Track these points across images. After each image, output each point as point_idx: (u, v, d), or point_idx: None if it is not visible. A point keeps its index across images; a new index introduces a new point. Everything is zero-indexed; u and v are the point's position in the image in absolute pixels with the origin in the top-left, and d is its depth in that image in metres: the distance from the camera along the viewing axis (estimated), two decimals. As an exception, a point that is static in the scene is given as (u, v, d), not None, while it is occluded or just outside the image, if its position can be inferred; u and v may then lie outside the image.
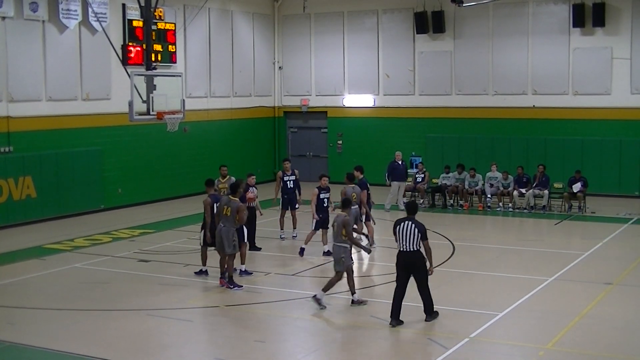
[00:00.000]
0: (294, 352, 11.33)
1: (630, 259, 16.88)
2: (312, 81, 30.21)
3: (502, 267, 16.48)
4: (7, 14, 20.62)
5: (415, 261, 12.21)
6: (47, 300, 14.00)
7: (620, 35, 25.02)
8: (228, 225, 14.56)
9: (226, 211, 14.55)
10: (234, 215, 14.50)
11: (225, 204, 14.66)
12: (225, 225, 14.58)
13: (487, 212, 23.35)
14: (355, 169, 18.21)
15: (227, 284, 14.68)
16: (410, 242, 12.12)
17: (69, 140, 22.55)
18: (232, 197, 14.71)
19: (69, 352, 11.22)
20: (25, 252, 18.20)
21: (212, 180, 16.19)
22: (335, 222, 13.43)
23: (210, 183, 15.97)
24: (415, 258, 12.20)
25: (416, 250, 12.15)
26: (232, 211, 14.50)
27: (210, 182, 16.01)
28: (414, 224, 12.16)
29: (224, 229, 14.59)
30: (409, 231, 12.11)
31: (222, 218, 14.63)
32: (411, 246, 12.13)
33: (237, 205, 14.55)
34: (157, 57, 23.41)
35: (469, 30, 27.17)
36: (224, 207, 14.62)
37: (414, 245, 12.13)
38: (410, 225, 12.14)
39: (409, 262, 12.21)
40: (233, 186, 15.07)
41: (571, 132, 25.86)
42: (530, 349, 11.22)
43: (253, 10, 29.41)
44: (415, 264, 12.22)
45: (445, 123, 27.76)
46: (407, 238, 12.11)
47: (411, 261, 12.20)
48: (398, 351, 11.27)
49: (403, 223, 12.24)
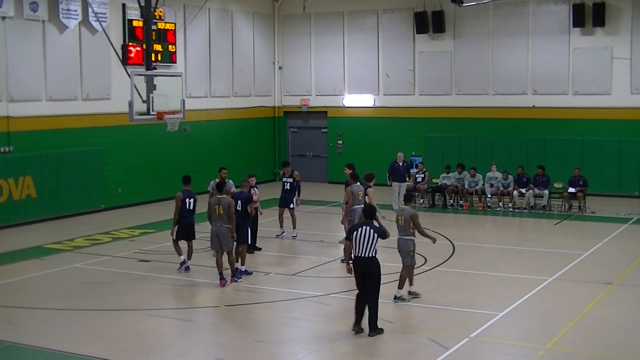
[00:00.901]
0: (294, 352, 11.33)
1: (630, 259, 16.87)
2: (312, 81, 30.21)
3: (502, 267, 16.48)
4: (7, 14, 20.63)
5: (371, 268, 11.79)
6: (47, 300, 13.99)
7: (620, 35, 25.02)
8: (222, 223, 14.67)
9: (218, 210, 14.67)
10: (226, 212, 14.64)
11: (215, 203, 14.76)
12: (220, 224, 14.69)
13: (487, 212, 23.35)
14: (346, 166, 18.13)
15: (232, 278, 14.90)
16: (366, 248, 11.70)
17: (69, 140, 22.56)
18: (220, 196, 14.89)
19: (69, 352, 11.22)
20: (25, 252, 18.20)
21: (188, 177, 16.29)
22: (402, 215, 13.62)
23: (187, 180, 16.09)
24: (371, 265, 11.79)
25: (372, 257, 11.76)
26: (224, 209, 14.64)
27: (187, 179, 16.15)
28: (372, 229, 11.78)
29: (221, 228, 14.70)
30: (366, 237, 11.69)
31: (216, 218, 14.72)
32: (367, 252, 11.72)
33: (227, 202, 14.75)
34: (157, 57, 23.41)
35: (469, 30, 27.17)
36: (215, 207, 14.72)
37: (370, 252, 11.72)
38: (368, 231, 11.73)
39: (365, 268, 11.81)
40: (219, 185, 15.38)
41: (571, 132, 25.86)
42: (530, 349, 11.22)
43: (253, 10, 29.42)
44: (370, 271, 11.80)
45: (445, 123, 27.75)
46: (364, 244, 11.69)
47: (366, 268, 11.79)
48: (398, 351, 11.26)
49: (360, 228, 11.80)
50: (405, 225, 13.52)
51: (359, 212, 16.44)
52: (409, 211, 13.59)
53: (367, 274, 11.82)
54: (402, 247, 13.65)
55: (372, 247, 11.76)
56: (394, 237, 13.43)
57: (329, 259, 17.03)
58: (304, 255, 17.65)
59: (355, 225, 12.10)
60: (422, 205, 24.30)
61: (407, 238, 13.58)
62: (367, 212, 12.31)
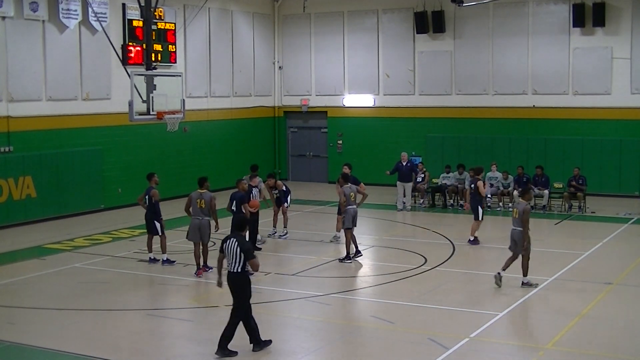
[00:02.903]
0: (294, 352, 11.33)
1: (630, 259, 16.88)
2: (312, 81, 30.21)
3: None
4: (7, 13, 20.63)
5: (235, 284, 10.96)
6: (47, 300, 14.00)
7: (620, 35, 25.01)
8: (204, 216, 15.41)
9: (200, 204, 15.40)
10: (208, 206, 15.36)
11: (197, 197, 15.47)
12: (202, 217, 15.42)
13: (487, 212, 23.30)
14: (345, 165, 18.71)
15: (203, 267, 15.62)
16: (233, 263, 10.92)
17: (69, 140, 22.56)
18: (201, 190, 15.52)
19: (69, 352, 11.22)
20: (25, 252, 18.21)
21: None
22: (516, 208, 14.45)
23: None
24: (236, 280, 10.95)
25: (237, 272, 10.91)
26: (206, 203, 15.36)
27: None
28: (237, 242, 10.94)
29: (203, 221, 15.46)
30: (232, 250, 10.93)
31: (196, 211, 15.45)
32: (234, 267, 10.93)
33: (209, 196, 15.45)
34: (157, 57, 23.42)
35: (469, 30, 27.16)
36: (197, 200, 15.46)
37: (235, 267, 10.91)
38: (234, 244, 10.93)
39: (230, 283, 11.02)
40: (200, 180, 15.81)
41: (571, 132, 25.86)
42: (530, 349, 11.23)
43: (253, 10, 29.41)
44: (235, 287, 10.98)
45: (445, 123, 27.75)
46: (231, 257, 10.93)
47: (231, 283, 11.00)
48: (398, 351, 11.26)
49: (228, 241, 11.03)
50: (519, 217, 14.28)
51: (352, 212, 16.58)
52: (523, 206, 14.37)
53: (232, 289, 11.02)
54: (515, 238, 14.47)
55: (238, 263, 10.88)
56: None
57: (329, 259, 17.04)
58: (304, 255, 17.65)
59: (226, 237, 11.19)
60: (422, 205, 24.31)
61: (519, 230, 14.36)
62: (236, 223, 11.46)
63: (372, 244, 18.55)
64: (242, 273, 10.95)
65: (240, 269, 10.92)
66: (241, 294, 10.99)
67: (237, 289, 10.99)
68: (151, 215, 16.51)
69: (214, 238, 18.00)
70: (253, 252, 11.11)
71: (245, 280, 11.01)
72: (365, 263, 16.80)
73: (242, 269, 10.93)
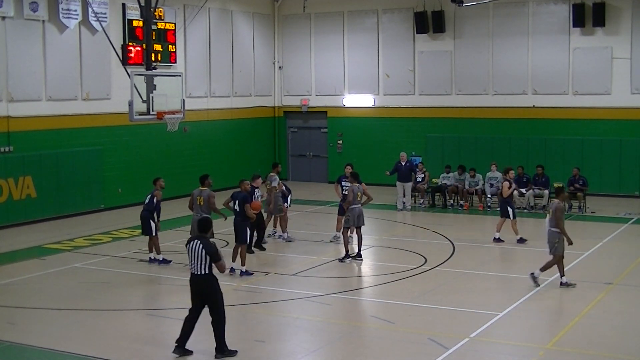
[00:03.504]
0: (294, 352, 11.33)
1: (630, 259, 16.88)
2: (312, 81, 30.21)
3: (502, 267, 16.49)
4: (7, 14, 20.63)
5: (205, 287, 10.80)
6: (47, 300, 14.00)
7: (620, 35, 25.01)
8: (202, 214, 15.51)
9: (199, 201, 15.78)
10: (207, 204, 15.70)
11: (197, 195, 15.86)
12: (200, 214, 15.53)
13: (487, 212, 23.35)
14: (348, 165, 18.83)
15: None
16: (199, 265, 10.75)
17: (69, 140, 22.56)
18: (202, 188, 15.90)
19: (69, 352, 11.22)
20: (25, 252, 18.21)
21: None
22: (551, 208, 14.43)
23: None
24: (205, 283, 10.78)
25: (205, 274, 10.75)
26: (204, 200, 15.73)
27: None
28: (202, 244, 10.80)
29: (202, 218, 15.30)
30: (197, 252, 10.77)
31: (196, 208, 15.85)
32: (200, 269, 10.75)
33: (207, 194, 15.77)
34: (157, 57, 23.42)
35: (469, 30, 27.16)
36: (197, 198, 15.86)
37: (203, 269, 10.74)
38: (198, 246, 10.78)
39: (198, 287, 10.86)
40: (202, 178, 16.14)
41: (571, 132, 25.86)
42: (530, 349, 11.22)
43: (253, 10, 29.42)
44: (205, 290, 10.82)
45: (445, 123, 27.75)
46: (195, 260, 10.78)
47: (200, 286, 10.83)
48: (398, 351, 11.26)
49: (192, 242, 10.91)
50: (553, 217, 14.24)
51: (357, 211, 16.62)
52: (556, 204, 14.34)
53: (202, 293, 10.85)
54: (549, 237, 14.36)
55: (204, 264, 10.73)
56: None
57: (329, 259, 17.04)
58: (304, 255, 17.65)
59: (190, 239, 11.11)
60: (422, 205, 24.31)
61: (553, 230, 14.27)
62: (200, 224, 11.26)
63: (372, 244, 18.55)
64: (210, 274, 10.79)
65: (207, 271, 10.77)
66: (213, 296, 10.83)
67: (209, 291, 10.82)
68: (147, 214, 16.48)
69: (220, 238, 18.01)
70: (219, 253, 10.91)
71: (215, 281, 10.85)
72: (365, 263, 16.81)
73: (209, 270, 10.78)
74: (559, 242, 14.27)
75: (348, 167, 18.53)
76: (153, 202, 16.56)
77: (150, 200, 16.60)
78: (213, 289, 10.82)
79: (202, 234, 11.05)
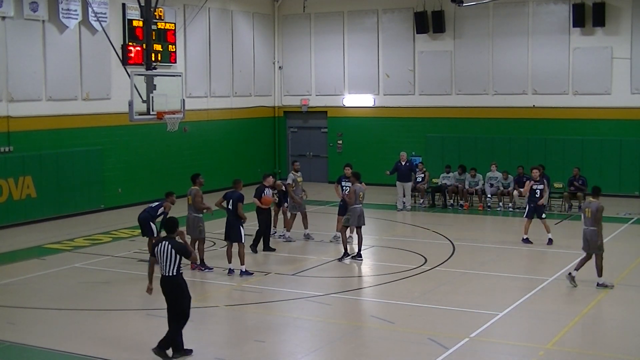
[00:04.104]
0: (294, 352, 11.33)
1: (630, 259, 16.88)
2: (312, 81, 30.21)
3: (502, 267, 16.48)
4: (7, 14, 20.62)
5: (173, 286, 10.77)
6: (47, 300, 14.00)
7: (620, 35, 25.01)
8: (192, 212, 16.09)
9: (189, 200, 16.18)
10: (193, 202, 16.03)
11: (188, 194, 16.23)
12: (189, 213, 16.12)
13: (487, 212, 23.35)
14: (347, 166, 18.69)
15: (199, 267, 15.93)
16: (168, 266, 10.71)
17: (69, 140, 22.55)
18: (192, 187, 16.22)
19: (69, 352, 11.22)
20: (25, 252, 18.20)
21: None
22: (589, 208, 14.36)
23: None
24: (173, 283, 10.76)
25: (173, 275, 10.72)
26: (192, 199, 16.07)
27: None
28: (170, 244, 10.73)
29: (190, 217, 16.13)
30: (165, 254, 10.70)
31: (188, 207, 16.20)
32: (169, 270, 10.73)
33: (194, 192, 16.11)
34: (157, 57, 23.42)
35: (469, 30, 27.16)
36: (188, 197, 16.23)
37: (170, 270, 10.71)
38: (167, 247, 10.71)
39: (167, 288, 10.82)
40: (193, 177, 16.46)
41: (571, 132, 25.86)
42: (530, 349, 11.22)
43: (253, 10, 29.42)
44: (173, 291, 10.79)
45: (445, 123, 27.75)
46: (165, 261, 10.71)
47: (168, 287, 10.80)
48: (398, 351, 11.26)
49: (160, 244, 10.80)
50: (592, 216, 14.21)
51: (358, 211, 16.65)
52: (596, 204, 14.30)
53: (170, 294, 10.82)
54: (588, 237, 14.36)
55: (173, 265, 10.70)
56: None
57: (329, 259, 17.04)
58: (304, 255, 17.66)
59: (158, 240, 11.03)
60: (422, 205, 24.31)
61: (592, 229, 14.26)
62: (167, 225, 11.14)
63: (372, 244, 18.55)
64: (178, 275, 10.77)
65: (175, 272, 10.74)
66: (181, 297, 10.82)
67: (177, 292, 10.79)
68: (148, 217, 16.43)
69: (212, 238, 18.02)
70: (188, 249, 11.02)
71: (183, 282, 10.84)
72: (365, 263, 16.80)
73: (177, 271, 10.75)
74: (600, 241, 14.33)
75: (347, 168, 18.45)
76: (158, 211, 16.43)
77: (156, 208, 16.49)
78: (180, 290, 10.83)
79: (169, 234, 10.98)
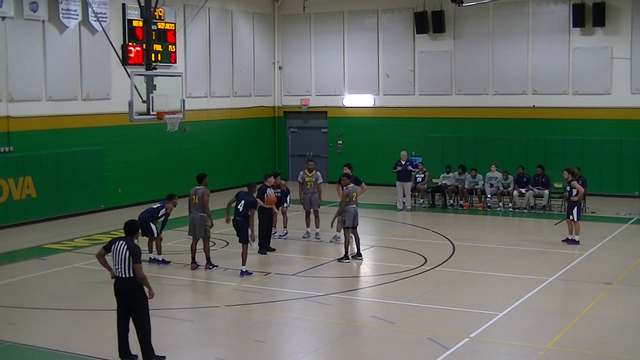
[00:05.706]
0: (294, 352, 11.33)
1: (630, 259, 16.87)
2: (312, 81, 30.22)
3: (502, 267, 16.48)
4: (7, 14, 20.62)
5: (128, 290, 10.51)
6: (47, 300, 14.00)
7: (620, 35, 25.01)
8: (197, 212, 15.95)
9: (194, 200, 15.99)
10: (201, 202, 15.89)
11: (192, 193, 16.09)
12: (195, 213, 15.98)
13: (487, 212, 23.35)
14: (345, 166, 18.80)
15: (206, 265, 16.04)
16: (122, 267, 10.50)
17: (69, 140, 22.55)
18: (198, 186, 16.11)
19: (69, 352, 11.22)
20: (25, 252, 18.20)
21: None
22: None
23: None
24: (128, 285, 10.50)
25: (130, 277, 10.48)
26: (199, 198, 15.90)
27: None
28: (126, 245, 10.52)
29: (196, 216, 15.99)
30: (120, 254, 10.50)
31: (192, 206, 16.05)
32: (123, 272, 10.50)
33: (202, 192, 15.97)
34: (157, 57, 23.43)
35: (469, 30, 27.16)
36: (192, 196, 16.06)
37: (125, 271, 10.48)
38: (123, 247, 10.51)
39: (122, 290, 10.57)
40: (199, 176, 16.33)
41: (571, 132, 25.86)
42: (530, 349, 11.22)
43: (253, 10, 29.42)
44: (128, 294, 10.52)
45: (445, 123, 27.76)
46: (119, 262, 10.52)
47: (123, 290, 10.55)
48: (398, 351, 11.26)
49: (117, 243, 10.63)
50: None
51: (352, 211, 16.64)
52: None
53: (126, 296, 10.56)
54: None
55: (127, 267, 10.46)
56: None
57: (329, 259, 17.04)
58: (304, 255, 17.66)
59: (114, 240, 10.81)
60: (422, 205, 24.31)
61: None
62: (126, 227, 10.89)
63: (372, 244, 18.55)
64: (133, 278, 10.51)
65: (130, 273, 10.51)
66: (135, 300, 10.55)
67: (132, 296, 10.55)
68: (149, 217, 16.40)
69: (214, 238, 18.01)
70: (139, 257, 10.57)
71: (138, 284, 10.54)
72: (365, 263, 16.80)
73: (130, 273, 10.52)
74: None
75: (346, 168, 18.48)
76: (159, 212, 16.48)
77: (158, 209, 16.52)
78: (136, 294, 10.53)
79: (128, 236, 10.77)
